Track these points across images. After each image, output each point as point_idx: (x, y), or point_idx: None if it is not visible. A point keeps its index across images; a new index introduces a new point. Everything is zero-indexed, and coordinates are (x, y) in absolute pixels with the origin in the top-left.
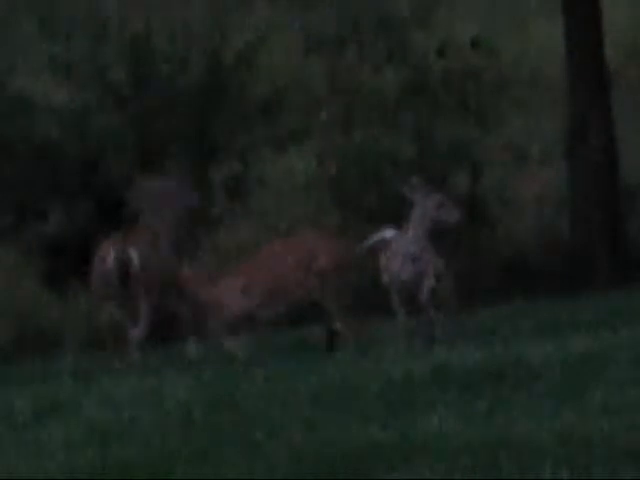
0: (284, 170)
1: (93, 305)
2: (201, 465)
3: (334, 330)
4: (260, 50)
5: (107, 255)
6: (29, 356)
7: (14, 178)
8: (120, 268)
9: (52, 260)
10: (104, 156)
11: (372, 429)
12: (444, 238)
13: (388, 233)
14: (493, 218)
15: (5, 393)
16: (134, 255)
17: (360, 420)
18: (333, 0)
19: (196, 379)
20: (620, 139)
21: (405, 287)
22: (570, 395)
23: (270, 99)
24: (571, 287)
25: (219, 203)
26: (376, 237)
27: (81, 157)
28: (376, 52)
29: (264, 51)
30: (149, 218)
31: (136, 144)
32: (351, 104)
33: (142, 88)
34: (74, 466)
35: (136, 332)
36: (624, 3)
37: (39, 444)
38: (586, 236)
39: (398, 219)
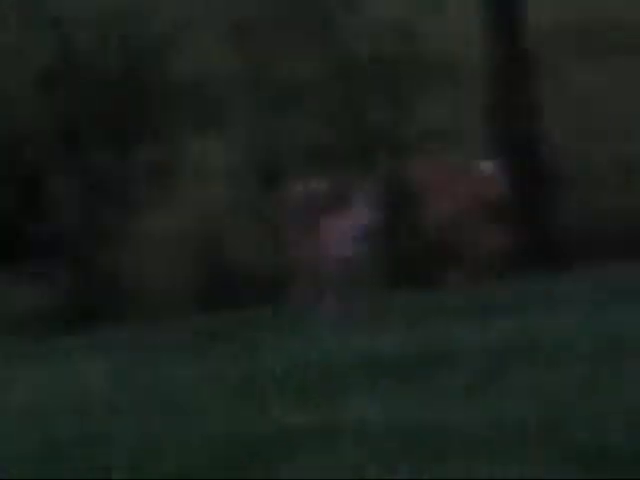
0: (207, 155)
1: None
2: (122, 452)
3: None
4: (184, 34)
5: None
6: None
7: None
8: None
9: None
10: (27, 141)
11: (302, 414)
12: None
13: None
14: (417, 202)
15: None
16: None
17: (290, 406)
18: None
19: (119, 364)
20: (545, 122)
21: (346, 268)
22: (499, 379)
23: (195, 83)
24: (494, 271)
25: (142, 188)
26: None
27: (4, 142)
28: (299, 36)
29: (188, 35)
30: None
31: (59, 129)
32: (275, 90)
33: (65, 73)
34: None
35: None
36: None
37: None
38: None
39: None
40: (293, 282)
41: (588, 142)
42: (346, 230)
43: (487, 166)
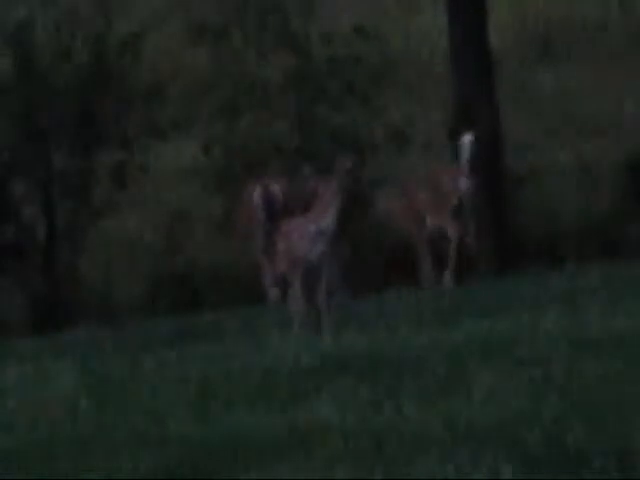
0: (169, 157)
1: None
2: (87, 453)
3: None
4: (144, 37)
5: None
6: None
7: None
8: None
9: None
10: None
11: (259, 417)
12: None
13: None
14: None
15: None
16: (277, 191)
17: (248, 407)
18: None
19: (83, 366)
20: (506, 125)
21: (309, 269)
22: (456, 382)
23: (155, 86)
24: (456, 275)
25: (104, 190)
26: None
27: None
28: (261, 39)
29: (148, 38)
30: None
31: (21, 131)
32: (236, 91)
33: (26, 77)
34: None
35: None
36: None
37: None
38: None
39: None
40: (257, 284)
41: (549, 142)
42: (309, 231)
43: (467, 138)
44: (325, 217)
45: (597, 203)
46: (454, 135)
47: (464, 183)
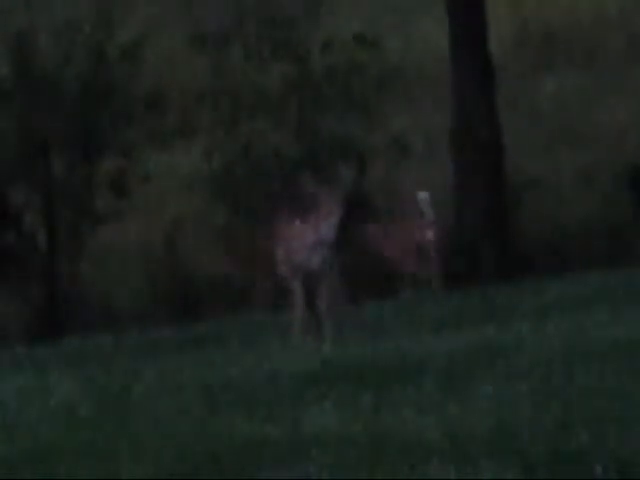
0: (169, 166)
1: None
2: (87, 461)
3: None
4: (145, 46)
5: None
6: None
7: None
8: None
9: None
10: None
11: (260, 424)
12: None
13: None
14: (378, 213)
15: None
16: None
17: (248, 415)
18: None
19: (84, 374)
20: (506, 133)
21: (310, 277)
22: (457, 389)
23: (155, 95)
24: (457, 283)
25: (104, 199)
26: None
27: None
28: (261, 48)
29: (149, 47)
30: None
31: (22, 140)
32: (237, 100)
33: (27, 84)
34: None
35: None
36: None
37: None
38: (472, 231)
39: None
40: (258, 292)
41: (548, 153)
42: (308, 240)
43: (423, 196)
44: (325, 226)
45: (598, 212)
46: (455, 143)
47: (430, 235)
